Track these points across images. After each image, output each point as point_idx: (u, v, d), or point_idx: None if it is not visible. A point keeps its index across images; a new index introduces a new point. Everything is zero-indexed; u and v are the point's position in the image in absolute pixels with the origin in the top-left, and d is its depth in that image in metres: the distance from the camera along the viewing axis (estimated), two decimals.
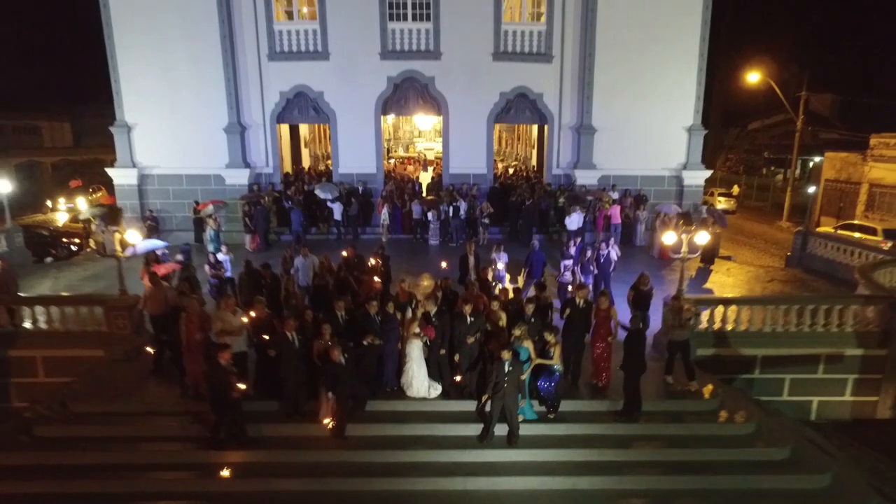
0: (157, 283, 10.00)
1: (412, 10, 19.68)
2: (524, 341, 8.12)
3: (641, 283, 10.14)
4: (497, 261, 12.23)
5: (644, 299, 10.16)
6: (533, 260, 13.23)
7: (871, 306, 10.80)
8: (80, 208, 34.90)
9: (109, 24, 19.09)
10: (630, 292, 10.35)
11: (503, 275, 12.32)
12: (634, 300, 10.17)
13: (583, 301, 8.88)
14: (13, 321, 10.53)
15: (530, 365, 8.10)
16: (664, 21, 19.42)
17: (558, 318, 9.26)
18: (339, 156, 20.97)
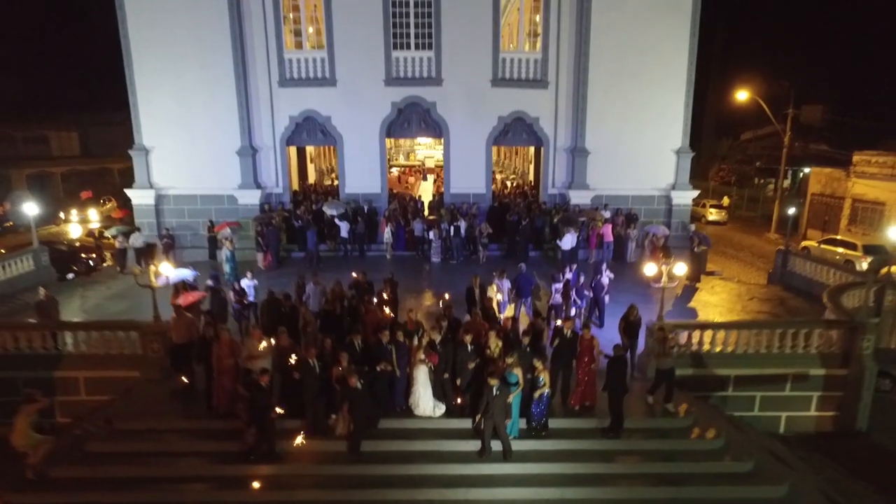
0: (181, 314, 11.04)
1: (415, 39, 20.80)
2: (515, 368, 9.23)
3: (631, 315, 11.24)
4: (500, 289, 13.29)
5: (633, 327, 11.24)
6: (521, 283, 14.37)
7: (834, 330, 11.91)
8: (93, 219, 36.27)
9: (129, 53, 20.18)
10: (621, 322, 11.44)
11: (506, 303, 13.39)
12: (625, 329, 11.28)
13: (569, 331, 9.99)
14: (56, 345, 11.61)
15: (518, 388, 9.20)
16: (653, 50, 20.53)
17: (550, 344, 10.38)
18: (345, 176, 22.07)
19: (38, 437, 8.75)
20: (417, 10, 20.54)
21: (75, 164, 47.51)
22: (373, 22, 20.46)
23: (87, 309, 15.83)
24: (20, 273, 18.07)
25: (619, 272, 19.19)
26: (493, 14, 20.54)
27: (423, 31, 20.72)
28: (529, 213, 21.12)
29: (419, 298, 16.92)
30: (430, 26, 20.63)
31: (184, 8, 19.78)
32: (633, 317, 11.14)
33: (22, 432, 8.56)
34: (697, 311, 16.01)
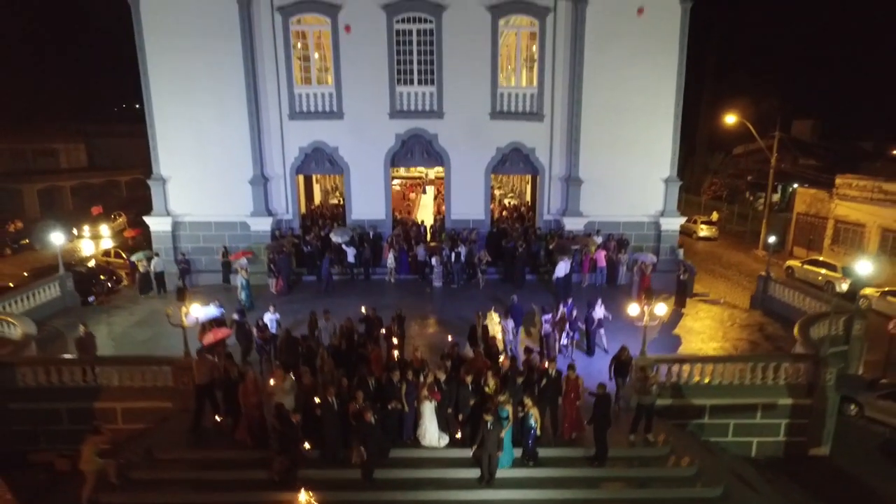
0: (203, 357, 12.13)
1: (418, 75, 22.01)
2: (507, 405, 10.45)
3: (622, 355, 12.45)
4: (505, 329, 14.52)
5: (624, 366, 12.42)
6: (513, 313, 15.63)
7: (800, 363, 13.14)
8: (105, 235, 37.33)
9: (148, 89, 21.37)
10: (612, 362, 12.63)
11: (511, 341, 14.58)
12: (616, 368, 12.48)
13: (554, 371, 11.24)
14: (96, 378, 12.80)
15: (509, 423, 10.41)
16: (643, 86, 21.73)
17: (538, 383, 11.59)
18: (352, 203, 23.28)
19: (101, 461, 9.97)
20: (420, 47, 21.75)
21: (84, 177, 48.64)
22: (378, 59, 21.66)
23: (115, 337, 16.99)
24: (47, 300, 19.24)
25: (611, 297, 20.55)
26: (492, 51, 21.74)
27: (426, 68, 21.93)
28: (526, 239, 22.36)
29: (423, 325, 18.09)
30: (432, 63, 21.84)
31: (200, 48, 20.94)
32: (624, 357, 12.34)
33: (88, 458, 9.79)
34: (682, 338, 17.24)
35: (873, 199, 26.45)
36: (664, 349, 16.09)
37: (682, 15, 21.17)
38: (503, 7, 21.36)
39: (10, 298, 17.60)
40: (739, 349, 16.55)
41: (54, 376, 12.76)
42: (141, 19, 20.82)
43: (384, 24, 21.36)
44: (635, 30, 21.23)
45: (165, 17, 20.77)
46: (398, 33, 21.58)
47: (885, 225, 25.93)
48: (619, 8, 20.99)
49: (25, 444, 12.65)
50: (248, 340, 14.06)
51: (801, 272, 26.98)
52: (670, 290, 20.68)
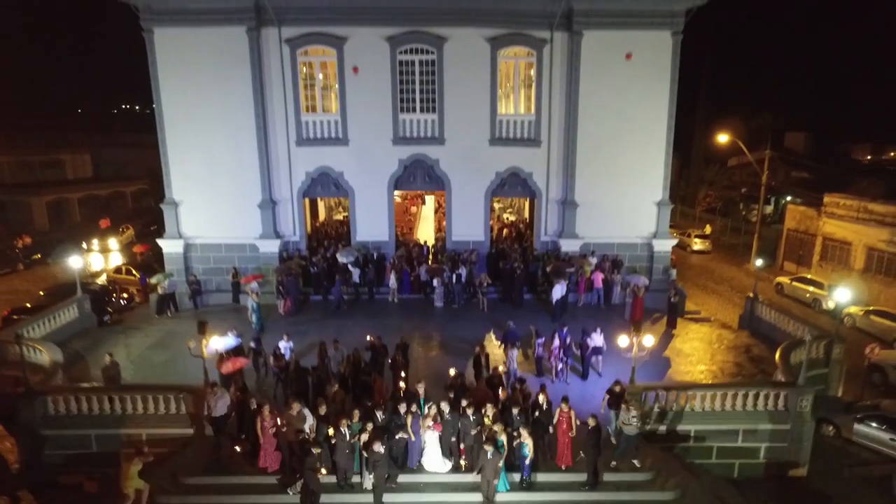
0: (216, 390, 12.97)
1: (420, 103, 22.92)
2: (501, 435, 11.37)
3: (616, 388, 13.35)
4: (510, 359, 15.47)
5: (618, 398, 13.30)
6: (509, 338, 16.63)
7: (780, 391, 14.07)
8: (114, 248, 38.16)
9: (162, 118, 22.27)
10: (606, 395, 13.52)
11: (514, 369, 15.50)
12: (610, 401, 13.38)
13: (545, 403, 12.17)
14: (123, 406, 13.71)
15: (504, 451, 11.33)
16: (636, 114, 22.63)
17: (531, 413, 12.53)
18: (356, 225, 24.19)
19: (142, 482, 10.89)
20: (422, 77, 22.66)
21: (91, 188, 49.48)
22: (382, 88, 22.57)
23: (133, 360, 17.87)
24: (66, 322, 20.11)
25: (605, 317, 21.55)
26: (491, 81, 22.65)
27: (427, 97, 22.84)
28: (524, 260, 23.29)
29: (426, 347, 18.96)
30: (434, 92, 22.75)
31: (212, 78, 21.82)
32: (618, 389, 13.26)
33: (129, 478, 10.72)
34: (671, 361, 18.17)
35: (859, 219, 27.39)
36: (655, 372, 17.04)
37: (673, 46, 22.06)
38: (502, 39, 22.27)
39: (32, 322, 18.47)
40: (725, 372, 17.49)
41: (83, 404, 13.67)
42: (155, 50, 21.70)
43: (388, 55, 22.26)
44: (627, 61, 22.14)
45: (178, 48, 21.64)
46: (401, 63, 22.50)
47: (871, 244, 26.87)
48: (612, 41, 21.87)
49: (56, 466, 13.56)
50: (264, 367, 14.95)
51: (790, 289, 27.94)
52: (663, 309, 21.66)
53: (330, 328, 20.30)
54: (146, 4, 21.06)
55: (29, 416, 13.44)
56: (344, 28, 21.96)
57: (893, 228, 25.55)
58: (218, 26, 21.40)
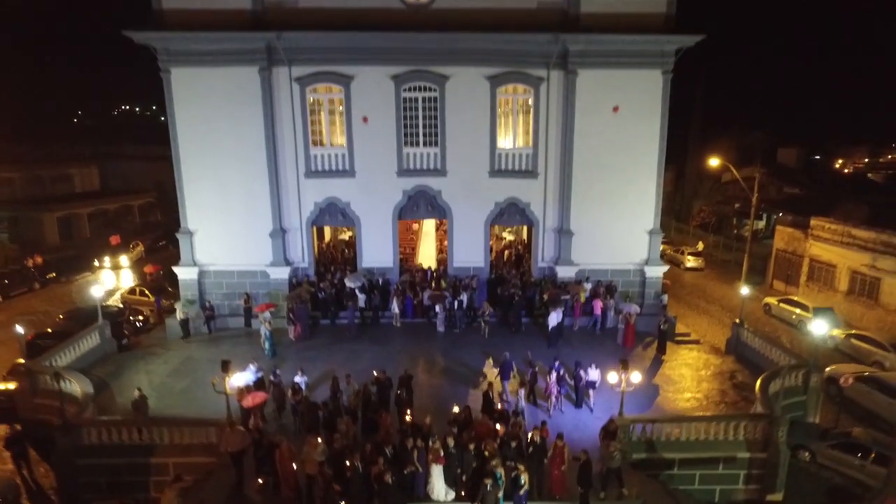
0: (235, 429, 14.05)
1: (423, 137, 24.11)
2: (499, 468, 12.52)
3: (610, 426, 14.49)
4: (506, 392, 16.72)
5: (612, 435, 14.39)
6: (504, 367, 17.96)
7: (757, 422, 15.24)
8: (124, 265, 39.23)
9: (178, 152, 23.43)
10: (602, 432, 14.63)
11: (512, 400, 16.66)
12: (604, 437, 14.48)
13: (539, 437, 13.33)
14: (151, 437, 14.87)
15: (503, 484, 12.47)
16: (629, 147, 23.80)
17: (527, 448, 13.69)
18: (362, 252, 25.36)
19: None
20: (425, 113, 23.84)
21: (100, 203, 50.50)
22: (386, 123, 23.75)
23: (155, 387, 18.98)
24: (89, 349, 21.26)
25: (598, 342, 22.75)
26: (491, 116, 23.83)
27: (430, 131, 24.03)
28: (522, 286, 24.47)
29: (430, 373, 20.12)
30: (436, 126, 23.94)
31: (225, 113, 22.97)
32: (611, 428, 14.41)
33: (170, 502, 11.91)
34: (660, 388, 19.32)
35: (843, 243, 28.57)
36: (644, 399, 18.17)
37: (663, 84, 23.25)
38: (501, 77, 23.46)
39: (59, 351, 19.61)
40: (710, 399, 18.65)
41: (115, 435, 14.83)
42: (172, 89, 22.87)
43: (392, 92, 23.45)
44: (621, 97, 23.32)
45: (194, 87, 22.81)
46: (405, 100, 23.68)
47: (854, 267, 28.06)
48: (605, 79, 23.03)
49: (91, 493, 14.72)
50: (283, 399, 16.12)
51: (777, 309, 29.12)
52: (654, 333, 22.81)
53: (339, 354, 21.55)
54: (164, 47, 22.24)
55: (66, 446, 14.60)
56: (351, 67, 23.14)
57: (874, 254, 26.70)
58: (231, 66, 22.56)
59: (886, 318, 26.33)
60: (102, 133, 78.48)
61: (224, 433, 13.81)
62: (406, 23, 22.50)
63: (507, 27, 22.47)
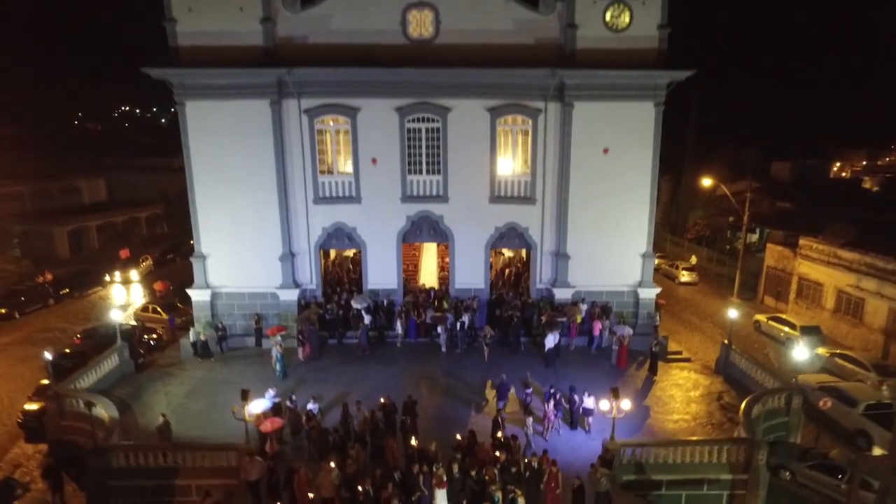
0: (253, 459, 15.11)
1: (426, 165, 25.23)
2: (497, 492, 13.64)
3: (606, 455, 15.60)
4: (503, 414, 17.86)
5: (609, 463, 15.52)
6: (501, 389, 19.10)
7: (739, 446, 16.36)
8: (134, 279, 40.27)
9: (192, 181, 24.55)
10: (599, 461, 15.72)
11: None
12: (602, 464, 15.61)
13: (536, 463, 14.45)
14: (175, 460, 15.97)
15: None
16: (622, 175, 24.90)
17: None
18: (368, 274, 26.48)
19: None
20: (428, 142, 24.96)
21: (108, 216, 51.55)
22: (391, 152, 24.86)
23: (174, 409, 20.05)
24: (109, 370, 22.35)
25: (593, 362, 23.89)
26: (491, 145, 24.94)
27: (433, 160, 25.15)
28: (521, 308, 25.60)
29: (432, 393, 21.21)
30: (439, 155, 25.06)
31: (237, 143, 24.06)
32: (608, 457, 15.52)
33: None
34: (650, 409, 20.44)
35: (830, 263, 29.70)
36: (636, 420, 19.27)
37: (655, 116, 24.37)
38: (500, 109, 24.58)
39: (82, 375, 20.70)
40: (697, 421, 19.77)
41: (142, 459, 15.94)
42: (187, 120, 23.98)
43: (397, 123, 24.57)
44: (614, 128, 24.43)
45: (208, 118, 23.91)
46: (409, 131, 24.81)
47: (840, 286, 29.19)
48: (600, 111, 24.13)
49: None
50: (298, 423, 17.24)
51: (766, 327, 30.25)
52: (647, 352, 23.91)
53: (346, 374, 22.69)
54: (179, 81, 23.36)
55: (97, 469, 15.71)
56: (357, 100, 24.26)
57: (859, 275, 27.83)
58: (243, 99, 23.66)
59: (870, 337, 27.46)
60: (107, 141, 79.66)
61: (243, 462, 14.91)
62: (410, 58, 23.64)
63: (506, 62, 23.60)
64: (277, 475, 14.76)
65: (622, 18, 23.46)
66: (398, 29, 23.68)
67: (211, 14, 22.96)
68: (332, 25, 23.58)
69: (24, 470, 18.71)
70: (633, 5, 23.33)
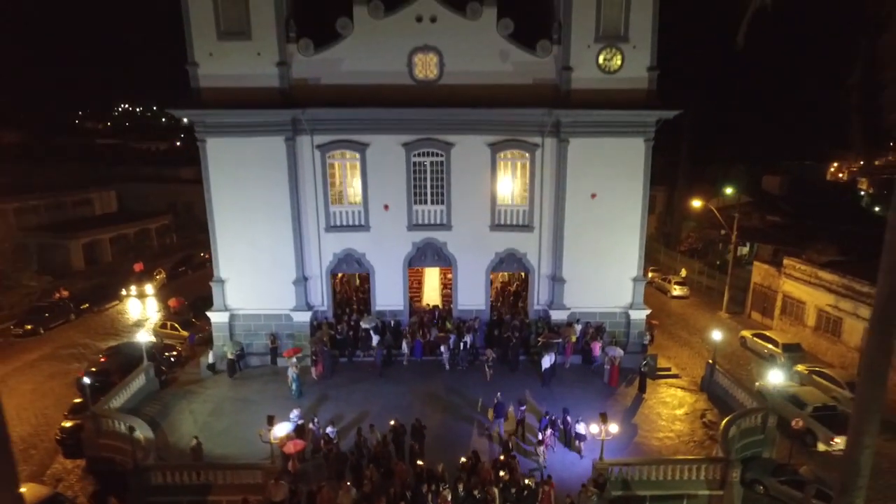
0: (278, 482, 16.90)
1: (431, 196, 26.99)
2: None
3: (599, 479, 17.40)
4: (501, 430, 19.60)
5: (602, 486, 17.32)
6: (498, 408, 20.88)
7: (715, 465, 18.15)
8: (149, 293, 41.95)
9: (212, 211, 26.26)
10: (591, 482, 17.50)
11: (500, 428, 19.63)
12: (594, 484, 17.39)
13: (533, 482, 16.25)
14: (207, 478, 17.75)
15: None
16: (614, 204, 26.60)
17: None
18: (376, 297, 28.26)
19: None
20: (433, 175, 26.72)
21: (120, 228, 53.16)
22: (398, 184, 26.61)
23: (200, 427, 21.81)
24: (137, 388, 24.13)
25: (587, 379, 25.67)
26: (491, 177, 26.69)
27: (437, 191, 26.90)
28: (520, 328, 27.38)
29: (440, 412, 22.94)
30: (442, 187, 26.81)
31: (255, 176, 25.76)
32: (601, 480, 17.30)
33: None
34: (638, 427, 22.23)
35: (811, 283, 31.47)
36: (624, 438, 20.94)
37: (645, 151, 26.10)
38: (500, 144, 26.32)
39: (113, 397, 22.42)
40: (681, 438, 21.56)
41: (177, 477, 17.73)
42: (207, 156, 25.69)
43: (403, 157, 26.31)
44: (607, 162, 26.14)
45: (227, 154, 25.60)
46: (415, 164, 26.55)
47: (820, 306, 30.97)
48: (593, 146, 25.81)
49: None
50: (319, 445, 19.03)
51: (751, 343, 32.03)
52: (637, 370, 25.66)
53: (357, 392, 24.50)
54: (201, 120, 25.07)
55: (138, 486, 17.51)
56: (366, 136, 26.00)
57: (837, 296, 29.60)
58: (260, 136, 25.37)
59: (847, 354, 29.24)
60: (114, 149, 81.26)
61: (269, 485, 16.71)
62: (416, 97, 25.37)
63: (506, 101, 25.35)
64: (299, 496, 16.54)
65: (614, 61, 25.17)
66: (405, 71, 25.40)
67: (230, 58, 24.66)
68: (343, 67, 25.30)
69: (65, 484, 20.43)
70: (625, 49, 25.03)
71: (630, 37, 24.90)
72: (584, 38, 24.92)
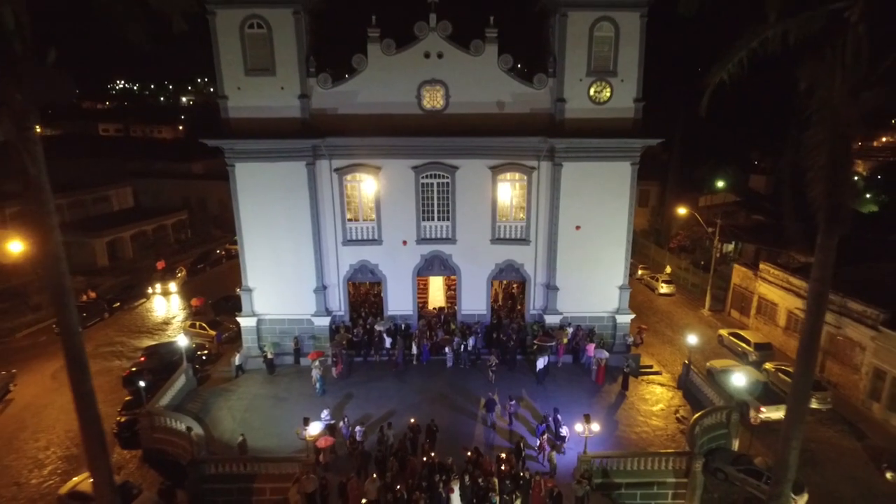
0: (309, 476, 20.13)
1: (437, 213, 29.86)
2: (496, 497, 18.68)
3: (586, 474, 20.62)
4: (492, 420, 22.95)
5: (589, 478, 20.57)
6: (489, 404, 24.31)
7: (681, 458, 21.45)
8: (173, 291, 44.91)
9: (241, 227, 29.15)
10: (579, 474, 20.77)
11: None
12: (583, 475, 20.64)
13: (528, 473, 19.50)
14: (252, 468, 21.04)
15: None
16: (603, 220, 29.48)
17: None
18: (388, 303, 31.35)
19: None
20: (439, 194, 29.54)
21: (140, 225, 55.81)
22: (407, 202, 29.47)
23: (238, 423, 25.04)
24: (179, 388, 27.34)
25: (576, 379, 28.90)
26: (492, 196, 29.53)
27: (443, 208, 29.76)
28: (517, 331, 30.54)
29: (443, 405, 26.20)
30: (448, 205, 29.66)
31: (279, 196, 28.57)
32: (587, 475, 20.51)
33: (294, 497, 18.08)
34: (619, 423, 25.53)
35: (783, 287, 34.52)
36: (606, 433, 24.16)
37: (631, 173, 28.86)
38: (501, 167, 29.09)
39: (161, 396, 25.61)
40: (655, 433, 24.86)
41: (227, 468, 21.03)
42: (236, 178, 28.46)
43: (413, 179, 29.11)
44: (597, 182, 28.93)
45: (254, 177, 28.36)
46: (423, 185, 29.36)
47: (790, 308, 34.07)
48: (584, 169, 28.58)
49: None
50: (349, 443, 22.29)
51: (728, 341, 35.22)
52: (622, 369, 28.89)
53: (374, 390, 27.75)
54: (230, 147, 27.78)
55: (195, 476, 20.81)
56: (380, 160, 28.77)
57: (805, 300, 32.63)
58: (283, 161, 28.11)
59: None
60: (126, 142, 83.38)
61: (302, 479, 19.96)
62: (424, 125, 28.07)
63: (505, 129, 28.06)
64: (330, 486, 19.83)
65: (604, 93, 27.78)
66: (414, 101, 28.03)
67: (256, 92, 27.28)
68: (358, 99, 27.92)
69: (125, 471, 23.76)
70: (614, 82, 27.62)
71: (618, 71, 27.47)
72: (577, 72, 27.49)
